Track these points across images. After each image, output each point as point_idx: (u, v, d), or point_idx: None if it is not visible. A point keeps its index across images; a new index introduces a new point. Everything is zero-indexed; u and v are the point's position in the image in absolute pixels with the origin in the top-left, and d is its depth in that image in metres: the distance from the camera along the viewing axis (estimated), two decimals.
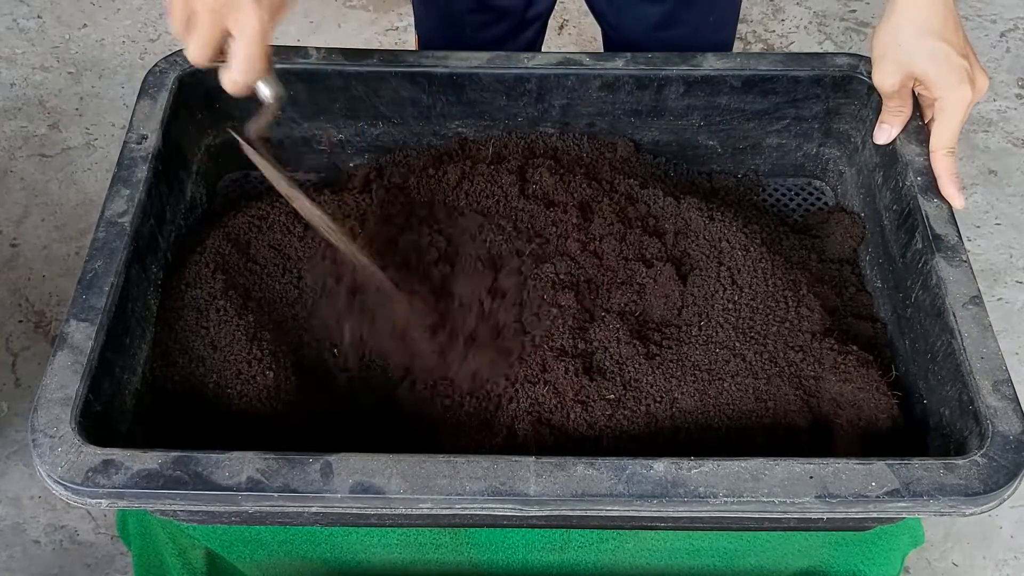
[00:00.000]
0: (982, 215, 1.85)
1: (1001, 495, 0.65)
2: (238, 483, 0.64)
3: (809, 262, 0.91)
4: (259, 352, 0.79)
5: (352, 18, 2.18)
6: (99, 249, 0.76)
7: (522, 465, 0.65)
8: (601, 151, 0.96)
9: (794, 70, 0.92)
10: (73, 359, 0.69)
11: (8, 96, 1.99)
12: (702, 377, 0.78)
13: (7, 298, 1.68)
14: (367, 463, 0.65)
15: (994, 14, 2.21)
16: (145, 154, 0.82)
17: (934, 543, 1.45)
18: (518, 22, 1.12)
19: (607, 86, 0.93)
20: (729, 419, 0.76)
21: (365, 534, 0.83)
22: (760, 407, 0.77)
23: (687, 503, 0.64)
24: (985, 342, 0.72)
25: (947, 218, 0.80)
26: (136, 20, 2.15)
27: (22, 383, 1.59)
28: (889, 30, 0.82)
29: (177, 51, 0.90)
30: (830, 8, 2.22)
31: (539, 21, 1.15)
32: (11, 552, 1.42)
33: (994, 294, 1.73)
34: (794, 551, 0.85)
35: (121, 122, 1.94)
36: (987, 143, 1.97)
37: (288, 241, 0.87)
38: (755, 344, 0.80)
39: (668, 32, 1.07)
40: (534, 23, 1.14)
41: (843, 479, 0.65)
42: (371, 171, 0.95)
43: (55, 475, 0.64)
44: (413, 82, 0.92)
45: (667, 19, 1.06)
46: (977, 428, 0.69)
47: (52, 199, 1.82)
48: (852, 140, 0.96)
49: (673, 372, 0.78)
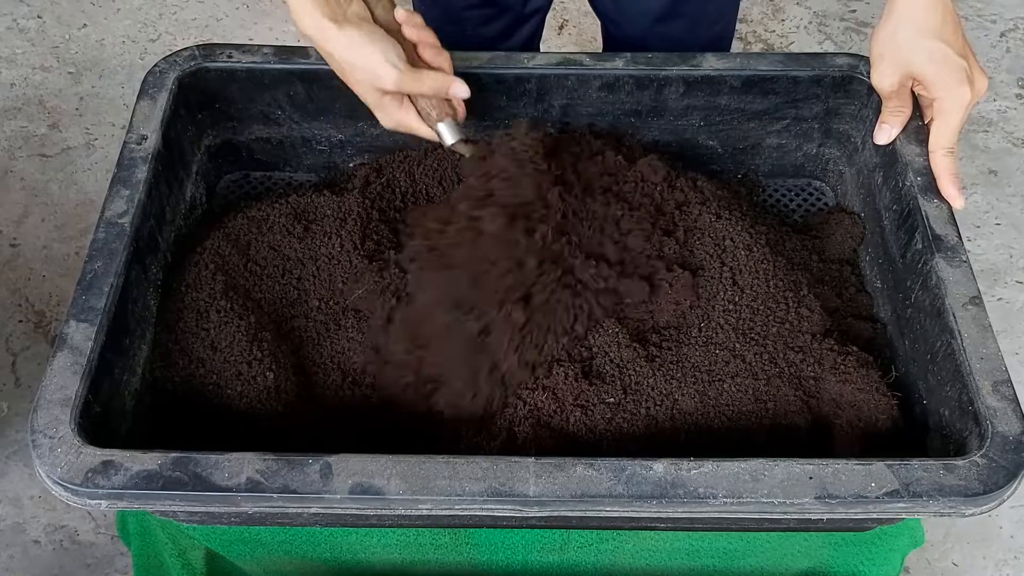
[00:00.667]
0: (982, 215, 1.85)
1: (1001, 495, 0.65)
2: (238, 484, 0.64)
3: (810, 262, 0.91)
4: (259, 353, 0.79)
5: None
6: (99, 250, 0.76)
7: (522, 466, 0.65)
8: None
9: (794, 70, 0.92)
10: (73, 360, 0.69)
11: (8, 96, 1.98)
12: (702, 379, 0.78)
13: (7, 298, 1.68)
14: (366, 464, 0.65)
15: (994, 14, 2.21)
16: (145, 154, 0.82)
17: (934, 543, 1.45)
18: (517, 17, 1.13)
19: (607, 86, 0.92)
20: (729, 420, 0.76)
21: (365, 534, 0.83)
22: (760, 408, 0.77)
23: (687, 504, 0.64)
24: (985, 342, 0.72)
25: (947, 218, 0.80)
26: (136, 20, 2.15)
27: (22, 383, 1.59)
28: (888, 30, 0.82)
29: (177, 51, 0.91)
30: (830, 8, 2.22)
31: (538, 15, 1.15)
32: (11, 552, 1.42)
33: (994, 294, 1.73)
34: (794, 552, 0.85)
35: (121, 122, 1.94)
36: (987, 143, 1.96)
37: (288, 242, 0.87)
38: (755, 345, 0.80)
39: (668, 24, 1.07)
40: (533, 17, 1.14)
41: (843, 480, 0.65)
42: (371, 171, 0.95)
43: (55, 476, 0.64)
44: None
45: (667, 11, 1.06)
46: (977, 429, 0.69)
47: (52, 199, 1.82)
48: (852, 140, 0.96)
49: (673, 374, 0.78)
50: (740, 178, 1.01)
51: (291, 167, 1.00)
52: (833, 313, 0.86)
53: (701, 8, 1.07)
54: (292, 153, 0.99)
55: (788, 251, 0.90)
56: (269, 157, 0.99)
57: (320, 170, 1.00)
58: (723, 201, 0.91)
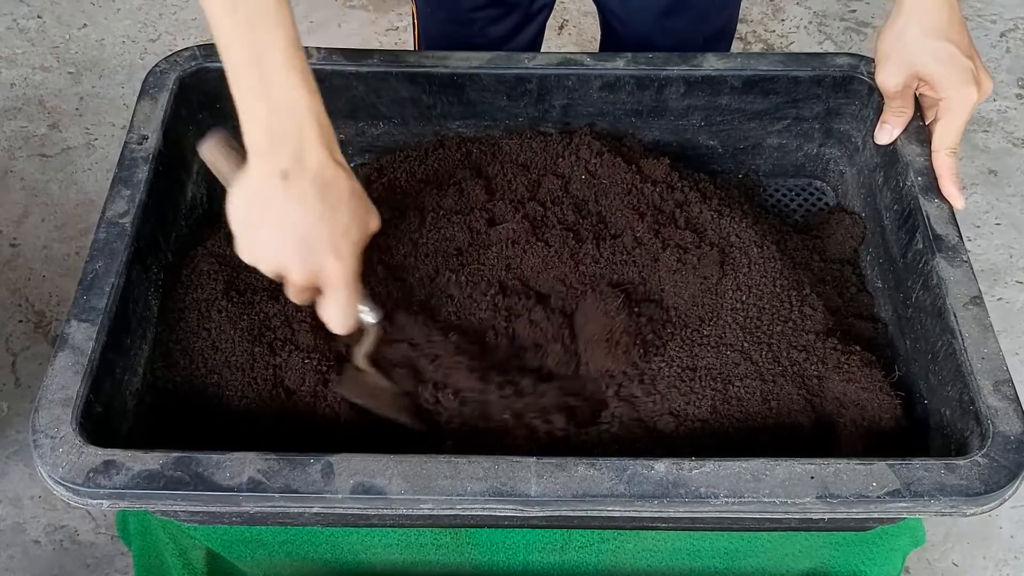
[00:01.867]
0: (982, 215, 1.85)
1: (1002, 495, 0.65)
2: (239, 483, 0.64)
3: (811, 262, 0.91)
4: (260, 352, 0.79)
5: (352, 18, 2.18)
6: (100, 250, 0.76)
7: (523, 466, 0.65)
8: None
9: (794, 70, 0.92)
10: (74, 360, 0.69)
11: (8, 96, 1.98)
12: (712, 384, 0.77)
13: (7, 298, 1.68)
14: (368, 464, 0.65)
15: (994, 14, 2.21)
16: (146, 155, 0.82)
17: (934, 543, 1.45)
18: (525, 15, 1.13)
19: (608, 86, 0.92)
20: (736, 420, 0.76)
21: (366, 534, 0.83)
22: (765, 408, 0.76)
23: (688, 504, 0.64)
24: (986, 342, 0.72)
25: (947, 218, 0.80)
26: (136, 20, 2.15)
27: (22, 383, 1.59)
28: (895, 30, 0.82)
29: (177, 51, 0.91)
30: (830, 8, 2.22)
31: (543, 14, 1.15)
32: (11, 552, 1.42)
33: (994, 294, 1.73)
34: (795, 551, 0.85)
35: (121, 122, 1.94)
36: (987, 143, 1.97)
37: None
38: (761, 345, 0.79)
39: (674, 18, 1.07)
40: (539, 15, 1.15)
41: (844, 479, 0.65)
42: (372, 171, 0.95)
43: (56, 476, 0.64)
44: (413, 82, 0.92)
45: (673, 4, 1.06)
46: (978, 428, 0.69)
47: (52, 199, 1.82)
48: (853, 140, 0.96)
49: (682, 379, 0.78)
50: (741, 178, 1.01)
51: None
52: (835, 313, 0.86)
53: (707, 0, 1.07)
54: None
55: (789, 251, 0.90)
56: None
57: None
58: (724, 199, 0.91)
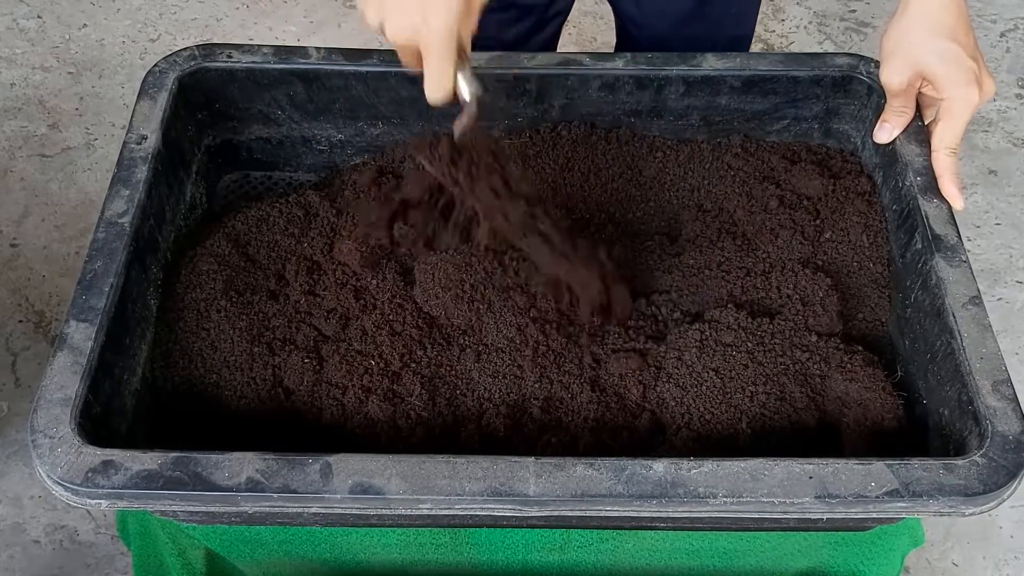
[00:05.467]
0: (982, 215, 1.85)
1: (1001, 495, 0.65)
2: (238, 483, 0.64)
3: None
4: (259, 352, 0.79)
5: (352, 18, 2.18)
6: (99, 249, 0.76)
7: (522, 465, 0.65)
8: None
9: (794, 70, 0.92)
10: (73, 360, 0.69)
11: (8, 96, 1.99)
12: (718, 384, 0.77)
13: (7, 298, 1.68)
14: (366, 464, 0.65)
15: (994, 14, 2.21)
16: (145, 154, 0.82)
17: (934, 543, 1.45)
18: (540, 19, 1.12)
19: (607, 86, 0.92)
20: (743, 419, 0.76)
21: (365, 534, 0.83)
22: (771, 407, 0.76)
23: (687, 503, 0.64)
24: (985, 342, 0.72)
25: (947, 218, 0.80)
26: (136, 20, 2.15)
27: (22, 383, 1.59)
28: (901, 29, 0.82)
29: (177, 51, 0.91)
30: (830, 8, 2.22)
31: (560, 17, 1.15)
32: (11, 552, 1.42)
33: (994, 294, 1.73)
34: (794, 551, 0.85)
35: (121, 122, 1.94)
36: (987, 143, 1.97)
37: (288, 242, 0.87)
38: (765, 344, 0.79)
39: (692, 26, 1.07)
40: (555, 19, 1.14)
41: (842, 479, 0.65)
42: (373, 171, 0.95)
43: (55, 476, 0.64)
44: (413, 82, 0.92)
45: (691, 12, 1.06)
46: (977, 428, 0.69)
47: (52, 199, 1.82)
48: (852, 140, 0.96)
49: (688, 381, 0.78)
50: None
51: (291, 167, 1.00)
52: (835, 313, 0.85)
53: (724, 9, 1.07)
54: (292, 153, 0.99)
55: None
56: (269, 157, 0.99)
57: (320, 170, 1.00)
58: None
